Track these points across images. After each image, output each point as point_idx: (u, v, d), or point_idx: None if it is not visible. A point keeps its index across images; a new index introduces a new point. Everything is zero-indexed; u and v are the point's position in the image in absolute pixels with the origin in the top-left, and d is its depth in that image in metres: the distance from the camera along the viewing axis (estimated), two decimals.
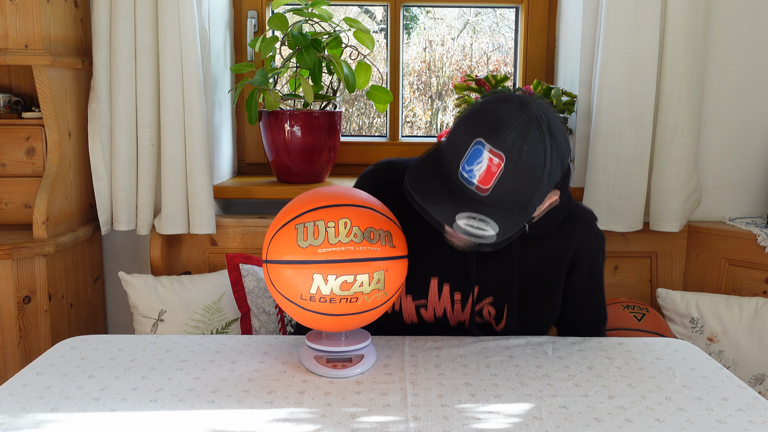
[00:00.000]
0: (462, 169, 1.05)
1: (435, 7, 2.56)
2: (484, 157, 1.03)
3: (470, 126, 1.06)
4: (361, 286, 1.08)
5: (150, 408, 1.04)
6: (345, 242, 1.06)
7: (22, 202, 1.96)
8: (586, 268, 1.34)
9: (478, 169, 1.04)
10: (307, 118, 2.06)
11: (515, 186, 1.04)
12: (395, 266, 1.12)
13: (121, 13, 1.89)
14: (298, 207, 1.12)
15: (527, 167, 1.04)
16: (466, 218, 1.05)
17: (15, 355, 1.78)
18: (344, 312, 1.11)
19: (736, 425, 1.00)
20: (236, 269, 1.80)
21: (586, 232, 1.32)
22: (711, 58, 2.05)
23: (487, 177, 1.04)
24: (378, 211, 1.13)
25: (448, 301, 1.34)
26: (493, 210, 1.05)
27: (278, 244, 1.10)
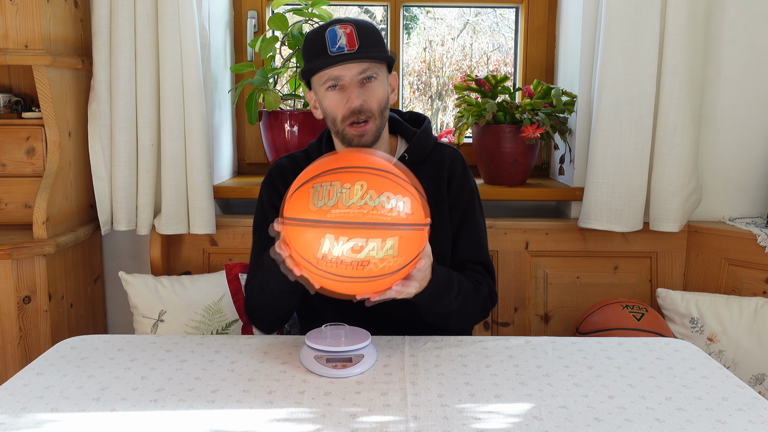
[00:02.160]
0: (331, 49, 1.32)
1: (435, 7, 2.56)
2: (338, 32, 1.32)
3: (313, 36, 1.36)
4: (373, 251, 1.05)
5: (150, 408, 1.04)
6: (359, 205, 1.05)
7: (22, 202, 1.96)
8: (458, 189, 1.48)
9: (342, 39, 1.32)
10: (307, 118, 2.06)
11: (370, 32, 1.34)
12: (410, 234, 1.09)
13: (121, 13, 1.89)
14: (316, 168, 1.12)
15: (368, 24, 1.37)
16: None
17: (15, 355, 1.78)
18: (354, 275, 1.08)
19: (736, 425, 1.00)
20: (236, 279, 1.80)
21: (452, 153, 1.51)
22: (711, 58, 2.05)
23: (350, 40, 1.32)
24: (398, 177, 1.10)
25: None
26: (368, 54, 1.34)
27: (293, 204, 1.10)
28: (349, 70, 1.33)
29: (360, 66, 1.33)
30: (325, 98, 1.37)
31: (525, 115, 2.04)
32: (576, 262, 2.08)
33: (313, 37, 1.35)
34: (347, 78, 1.34)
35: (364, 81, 1.35)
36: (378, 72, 1.36)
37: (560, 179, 2.26)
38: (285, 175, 1.48)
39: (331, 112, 1.38)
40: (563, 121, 2.11)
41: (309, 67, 1.36)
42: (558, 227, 2.08)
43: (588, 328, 1.87)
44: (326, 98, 1.37)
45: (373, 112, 1.36)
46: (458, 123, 2.17)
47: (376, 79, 1.36)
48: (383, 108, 1.38)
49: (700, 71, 1.95)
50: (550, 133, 2.05)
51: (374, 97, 1.36)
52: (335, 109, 1.36)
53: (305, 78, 1.41)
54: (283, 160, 1.51)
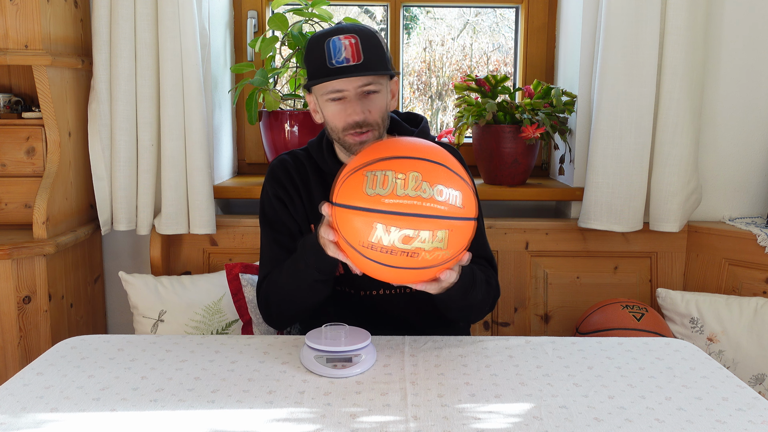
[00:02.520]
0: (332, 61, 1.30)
1: (435, 7, 2.56)
2: (342, 43, 1.30)
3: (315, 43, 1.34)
4: (423, 242, 1.05)
5: (150, 408, 1.04)
6: (412, 196, 1.05)
7: (22, 202, 1.96)
8: None
9: (345, 51, 1.30)
10: (307, 118, 2.06)
11: (373, 43, 1.33)
12: (460, 227, 1.09)
13: (121, 13, 1.89)
14: (371, 154, 1.12)
15: (371, 33, 1.35)
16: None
17: (15, 355, 1.78)
18: (402, 265, 1.09)
19: (736, 425, 1.00)
20: (236, 279, 1.79)
21: (451, 151, 1.48)
22: (711, 58, 2.05)
23: (355, 52, 1.30)
24: (451, 170, 1.10)
25: None
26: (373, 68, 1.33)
27: (346, 189, 1.11)
28: (351, 83, 1.32)
29: (363, 79, 1.33)
30: (326, 107, 1.37)
31: (525, 115, 2.04)
32: (576, 262, 2.08)
33: (316, 45, 1.34)
34: (350, 91, 1.33)
35: (366, 93, 1.34)
36: (380, 83, 1.36)
37: (560, 179, 2.26)
38: (288, 170, 1.48)
39: (331, 121, 1.38)
40: (563, 121, 2.11)
41: (311, 78, 1.35)
42: (558, 227, 2.08)
43: (588, 328, 1.87)
44: (327, 108, 1.37)
45: (375, 124, 1.36)
46: (458, 123, 2.17)
47: (379, 91, 1.36)
48: (384, 118, 1.39)
49: (700, 71, 1.95)
50: (550, 133, 2.05)
51: (376, 109, 1.35)
52: (336, 119, 1.36)
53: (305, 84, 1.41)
54: (285, 156, 1.52)
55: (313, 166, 1.49)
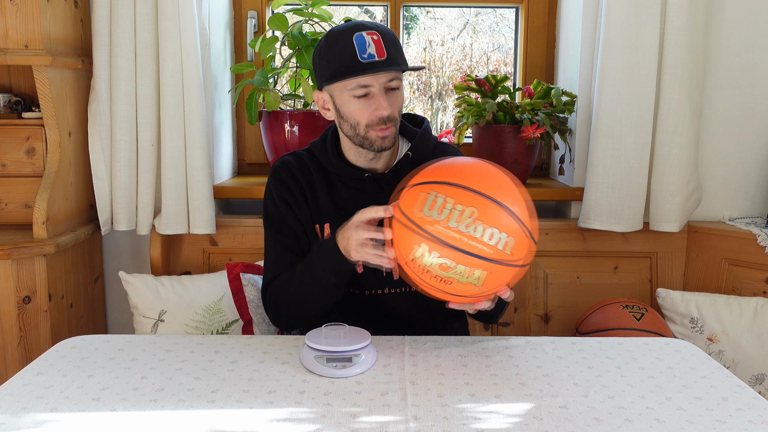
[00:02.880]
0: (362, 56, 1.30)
1: (435, 7, 2.56)
2: (367, 39, 1.31)
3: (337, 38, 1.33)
4: (459, 274, 1.08)
5: (150, 408, 1.04)
6: (462, 230, 1.07)
7: (22, 202, 1.96)
8: None
9: (371, 47, 1.31)
10: (307, 118, 2.06)
11: (393, 39, 1.35)
12: (501, 270, 1.10)
13: (121, 13, 1.89)
14: (443, 172, 1.14)
15: (389, 30, 1.36)
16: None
17: (15, 355, 1.78)
18: (435, 286, 1.13)
19: (736, 425, 1.00)
20: (237, 279, 1.79)
21: (453, 152, 1.54)
22: (711, 58, 2.05)
23: (379, 49, 1.32)
24: (515, 214, 1.10)
25: None
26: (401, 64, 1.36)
27: (408, 197, 1.14)
28: (379, 79, 1.33)
29: (390, 75, 1.34)
30: (349, 104, 1.35)
31: (525, 115, 2.04)
32: (576, 262, 2.08)
33: (340, 40, 1.33)
34: (376, 87, 1.33)
35: (390, 89, 1.36)
36: (400, 79, 1.38)
37: (560, 179, 2.26)
38: (291, 171, 1.48)
39: (353, 117, 1.36)
40: (563, 121, 2.11)
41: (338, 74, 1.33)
42: (558, 227, 2.08)
43: (588, 328, 1.87)
44: (350, 104, 1.35)
45: (396, 119, 1.38)
46: (458, 123, 2.17)
47: (399, 87, 1.38)
48: (401, 114, 1.42)
49: (700, 71, 1.95)
50: (550, 133, 2.05)
51: (397, 104, 1.38)
52: (360, 115, 1.35)
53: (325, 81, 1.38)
54: (288, 157, 1.51)
55: (317, 167, 1.48)
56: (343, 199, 1.46)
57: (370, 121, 1.35)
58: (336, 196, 1.46)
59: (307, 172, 1.48)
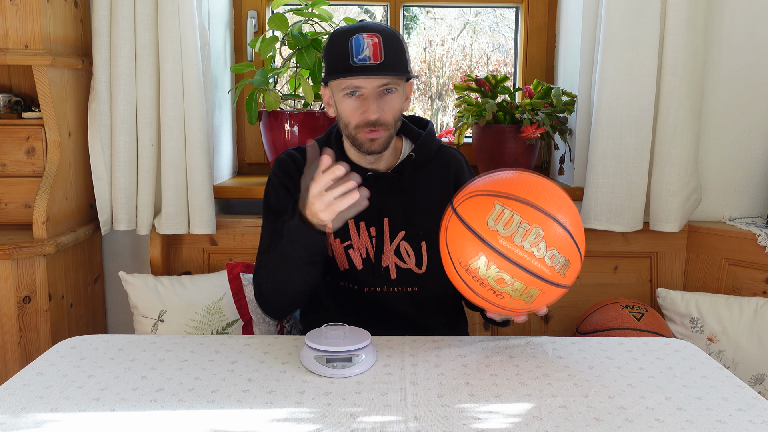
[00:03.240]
0: (354, 59, 1.31)
1: (435, 7, 2.56)
2: (365, 41, 1.31)
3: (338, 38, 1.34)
4: (514, 290, 1.11)
5: (150, 408, 1.04)
6: (526, 248, 1.08)
7: (22, 202, 1.96)
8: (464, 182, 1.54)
9: (367, 50, 1.31)
10: (307, 118, 2.06)
11: (396, 44, 1.35)
12: (553, 291, 1.13)
13: (121, 13, 1.89)
14: (513, 186, 1.14)
15: (394, 34, 1.37)
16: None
17: (15, 355, 1.78)
18: (485, 297, 1.15)
19: (736, 425, 1.00)
20: (237, 279, 1.79)
21: (457, 156, 1.56)
22: (711, 58, 2.05)
23: (375, 52, 1.31)
24: (573, 238, 1.12)
25: (367, 237, 1.45)
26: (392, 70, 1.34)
27: (472, 206, 1.14)
28: (369, 82, 1.33)
29: (382, 79, 1.34)
30: (342, 103, 1.37)
31: (525, 115, 2.04)
32: None
33: (339, 40, 1.34)
34: (367, 89, 1.34)
35: (383, 93, 1.35)
36: (397, 85, 1.37)
37: (560, 179, 2.26)
38: (296, 163, 1.47)
39: (345, 117, 1.38)
40: (563, 121, 2.11)
41: (330, 73, 1.36)
42: None
43: (588, 328, 1.87)
44: (342, 103, 1.37)
45: (387, 124, 1.37)
46: (458, 123, 2.17)
47: (395, 92, 1.37)
48: (397, 119, 1.40)
49: (700, 71, 1.95)
50: (550, 133, 2.05)
51: (391, 109, 1.36)
52: (350, 115, 1.37)
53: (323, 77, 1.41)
54: (292, 151, 1.51)
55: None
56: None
57: (358, 123, 1.36)
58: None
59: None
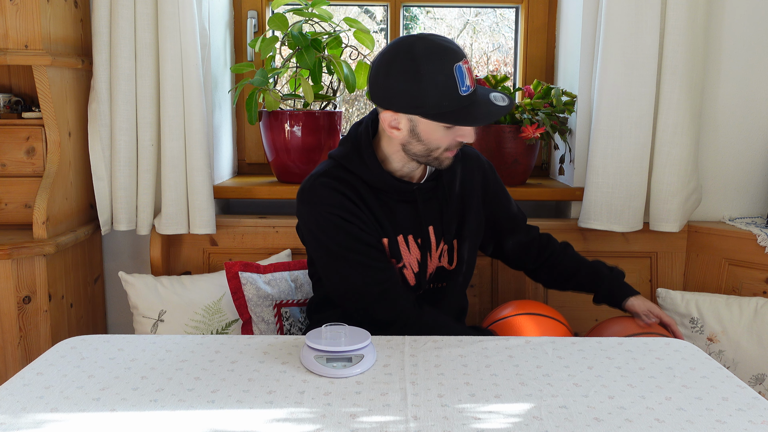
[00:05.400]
0: (462, 90, 1.30)
1: (435, 7, 2.56)
2: (464, 70, 1.31)
3: (437, 64, 1.29)
4: None
5: (150, 408, 1.04)
6: None
7: (22, 202, 1.96)
8: (492, 178, 1.63)
9: (468, 79, 1.31)
10: (308, 118, 2.06)
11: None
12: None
13: (121, 13, 1.89)
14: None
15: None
16: (499, 98, 1.37)
17: (15, 355, 1.78)
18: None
19: (736, 425, 1.00)
20: (236, 277, 1.79)
21: (478, 154, 1.63)
22: (711, 58, 2.05)
23: (471, 77, 1.32)
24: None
25: (416, 250, 1.47)
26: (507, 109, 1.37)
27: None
28: None
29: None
30: (436, 131, 1.34)
31: (525, 115, 2.04)
32: None
33: (444, 73, 1.28)
34: None
35: None
36: None
37: (560, 179, 2.26)
38: (339, 191, 1.40)
39: (436, 143, 1.36)
40: (563, 121, 2.11)
41: (446, 114, 1.31)
42: (558, 227, 2.08)
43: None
44: (437, 131, 1.34)
45: None
46: None
47: None
48: None
49: (700, 71, 1.95)
50: (550, 133, 2.05)
51: None
52: (443, 141, 1.36)
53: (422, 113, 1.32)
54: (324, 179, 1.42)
55: (355, 179, 1.42)
56: (393, 212, 1.46)
57: (450, 145, 1.37)
58: (386, 210, 1.45)
59: (352, 187, 1.41)
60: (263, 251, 2.06)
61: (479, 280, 2.05)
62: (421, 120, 1.33)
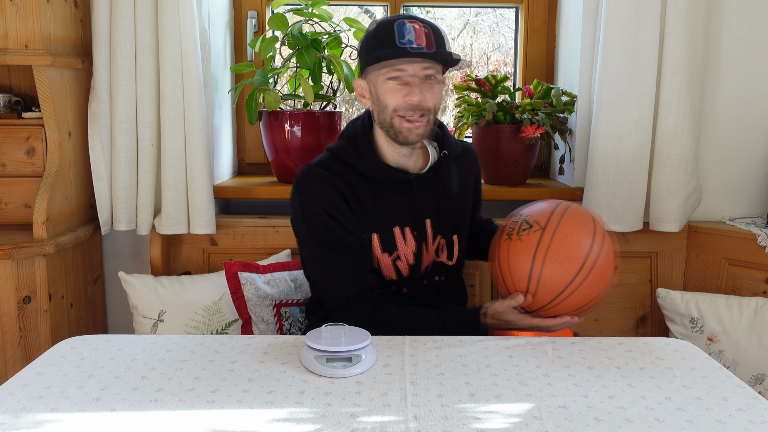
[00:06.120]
0: (399, 42, 1.32)
1: (435, 7, 2.56)
2: (409, 27, 1.32)
3: (380, 26, 1.36)
4: None
5: (150, 408, 1.04)
6: None
7: (22, 202, 1.96)
8: (478, 178, 1.67)
9: (413, 35, 1.32)
10: (308, 118, 2.06)
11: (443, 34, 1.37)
12: None
13: (121, 13, 1.89)
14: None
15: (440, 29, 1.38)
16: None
17: (15, 355, 1.78)
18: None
19: (736, 425, 1.00)
20: (235, 278, 1.79)
21: (475, 153, 1.64)
22: (711, 58, 2.05)
23: (419, 36, 1.32)
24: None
25: (412, 242, 1.47)
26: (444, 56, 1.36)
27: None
28: (414, 66, 1.34)
29: (425, 63, 1.34)
30: (382, 87, 1.37)
31: (525, 115, 2.04)
32: None
33: (381, 27, 1.35)
34: (410, 72, 1.34)
35: (426, 78, 1.36)
36: (438, 73, 1.38)
37: (560, 179, 2.26)
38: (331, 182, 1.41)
39: (384, 100, 1.37)
40: (563, 121, 2.11)
41: (377, 59, 1.35)
42: None
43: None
44: (383, 87, 1.36)
45: (428, 111, 1.37)
46: (458, 123, 2.17)
47: (436, 80, 1.37)
48: (438, 109, 1.40)
49: (700, 71, 1.95)
50: (550, 133, 2.05)
51: (434, 96, 1.37)
52: (391, 98, 1.36)
53: (364, 65, 1.40)
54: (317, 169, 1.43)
55: (352, 172, 1.43)
56: (388, 204, 1.45)
57: (398, 106, 1.36)
58: (380, 202, 1.44)
59: (345, 180, 1.42)
60: (263, 251, 2.06)
61: (479, 280, 2.05)
62: (372, 79, 1.38)
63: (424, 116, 1.37)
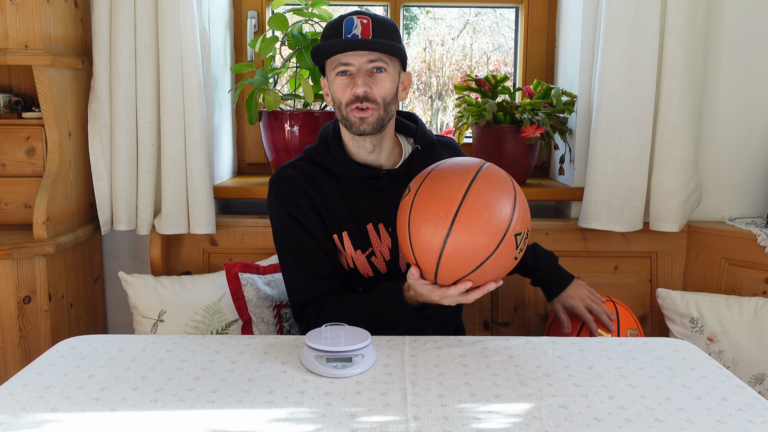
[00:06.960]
0: (344, 37, 1.34)
1: (435, 7, 2.56)
2: (356, 22, 1.35)
3: (332, 23, 1.39)
4: None
5: (150, 408, 1.04)
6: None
7: (22, 202, 1.96)
8: None
9: (357, 29, 1.34)
10: (307, 118, 2.06)
11: (386, 26, 1.37)
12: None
13: (121, 13, 1.89)
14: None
15: (387, 20, 1.39)
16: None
17: (15, 355, 1.78)
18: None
19: (736, 425, 1.00)
20: (235, 279, 1.79)
21: (453, 142, 1.61)
22: (711, 58, 2.05)
23: (365, 30, 1.34)
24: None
25: (387, 238, 1.46)
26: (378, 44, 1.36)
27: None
28: (358, 58, 1.35)
29: (370, 55, 1.35)
30: (334, 82, 1.39)
31: (525, 115, 2.04)
32: (576, 262, 2.08)
33: (332, 24, 1.38)
34: (356, 65, 1.36)
35: (373, 71, 1.37)
36: (388, 65, 1.38)
37: (560, 179, 2.26)
38: (297, 184, 1.45)
39: (337, 96, 1.40)
40: (563, 121, 2.11)
41: (320, 48, 1.38)
42: (558, 227, 2.08)
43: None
44: (335, 83, 1.39)
45: (377, 102, 1.37)
46: (458, 123, 2.17)
47: (386, 72, 1.38)
48: (389, 101, 1.39)
49: (700, 71, 1.95)
50: (550, 133, 2.05)
51: (380, 87, 1.37)
52: (341, 93, 1.38)
53: (319, 63, 1.43)
54: (288, 170, 1.48)
55: (322, 172, 1.46)
56: (358, 201, 1.46)
57: (348, 100, 1.38)
58: (350, 200, 1.45)
59: (314, 181, 1.45)
60: (263, 251, 2.06)
61: None
62: (329, 76, 1.41)
63: (370, 108, 1.37)
